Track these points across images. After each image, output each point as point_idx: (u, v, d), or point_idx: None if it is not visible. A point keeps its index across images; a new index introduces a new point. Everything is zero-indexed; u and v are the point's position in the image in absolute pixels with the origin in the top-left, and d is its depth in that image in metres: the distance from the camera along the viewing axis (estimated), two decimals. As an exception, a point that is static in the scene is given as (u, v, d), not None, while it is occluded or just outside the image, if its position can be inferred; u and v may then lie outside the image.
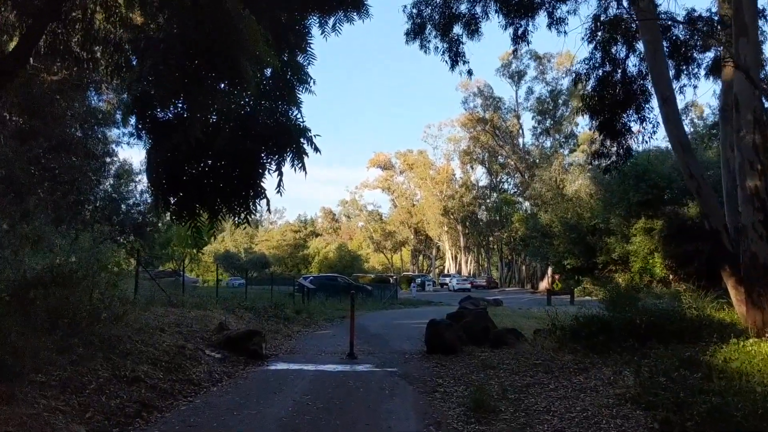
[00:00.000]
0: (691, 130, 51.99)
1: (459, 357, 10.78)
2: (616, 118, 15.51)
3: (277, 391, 8.02)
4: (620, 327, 10.18)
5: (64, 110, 23.66)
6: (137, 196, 42.08)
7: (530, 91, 65.47)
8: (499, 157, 72.75)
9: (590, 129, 15.59)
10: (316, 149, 7.65)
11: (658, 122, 15.80)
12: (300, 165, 7.57)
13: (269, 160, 7.58)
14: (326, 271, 67.29)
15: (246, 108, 7.51)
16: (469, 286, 59.69)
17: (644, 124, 15.39)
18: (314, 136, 7.58)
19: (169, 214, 7.74)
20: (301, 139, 7.55)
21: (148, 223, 44.18)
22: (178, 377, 7.93)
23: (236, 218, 7.70)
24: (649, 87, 15.19)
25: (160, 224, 50.16)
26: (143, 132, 7.59)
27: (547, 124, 64.30)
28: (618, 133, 15.50)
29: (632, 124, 15.36)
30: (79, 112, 26.80)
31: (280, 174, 7.51)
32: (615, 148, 15.54)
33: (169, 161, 7.26)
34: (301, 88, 7.57)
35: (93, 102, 29.11)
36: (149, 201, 43.29)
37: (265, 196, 7.61)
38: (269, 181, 8.25)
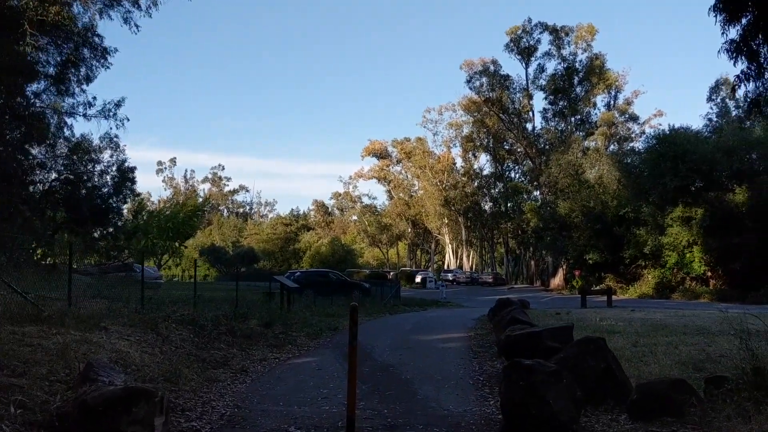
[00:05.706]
0: None
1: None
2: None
3: None
4: None
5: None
6: (97, 177, 36.26)
7: (541, 68, 58.90)
8: (506, 143, 66.83)
9: (723, 45, 9.67)
10: None
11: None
12: None
13: None
14: (318, 266, 61.69)
15: None
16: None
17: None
18: None
19: None
20: None
21: (111, 209, 38.26)
22: None
23: None
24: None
25: (125, 210, 44.24)
26: None
27: (560, 106, 58.19)
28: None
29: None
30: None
31: None
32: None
33: None
34: None
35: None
36: (111, 183, 37.49)
37: None
38: None
